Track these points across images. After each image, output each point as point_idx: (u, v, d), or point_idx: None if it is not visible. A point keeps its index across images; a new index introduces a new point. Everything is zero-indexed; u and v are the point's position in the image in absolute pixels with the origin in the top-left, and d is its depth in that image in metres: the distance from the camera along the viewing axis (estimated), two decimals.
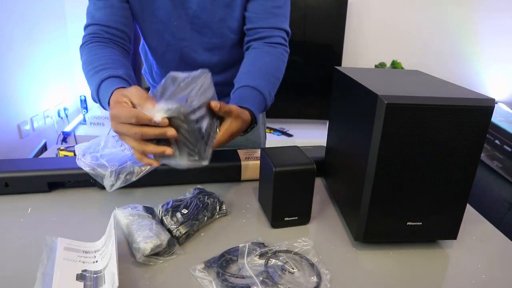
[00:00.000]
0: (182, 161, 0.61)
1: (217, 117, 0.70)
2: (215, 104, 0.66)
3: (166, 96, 0.59)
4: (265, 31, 0.92)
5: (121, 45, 0.88)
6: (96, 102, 0.79)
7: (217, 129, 0.70)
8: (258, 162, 0.86)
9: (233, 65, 1.00)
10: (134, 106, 0.60)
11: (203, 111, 0.63)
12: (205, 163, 0.62)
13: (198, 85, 0.62)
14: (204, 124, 0.63)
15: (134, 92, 0.60)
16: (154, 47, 0.96)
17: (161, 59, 0.98)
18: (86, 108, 2.59)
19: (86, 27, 0.88)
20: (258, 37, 0.92)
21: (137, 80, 2.64)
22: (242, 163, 0.86)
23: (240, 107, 0.75)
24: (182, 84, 0.62)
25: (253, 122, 0.78)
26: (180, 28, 0.92)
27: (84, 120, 2.55)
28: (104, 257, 0.58)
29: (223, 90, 0.99)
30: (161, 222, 0.66)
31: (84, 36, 0.87)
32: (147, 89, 1.02)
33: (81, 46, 0.87)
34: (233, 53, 0.99)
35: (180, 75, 0.63)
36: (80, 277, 0.54)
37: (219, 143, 0.69)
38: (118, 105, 0.61)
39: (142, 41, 1.04)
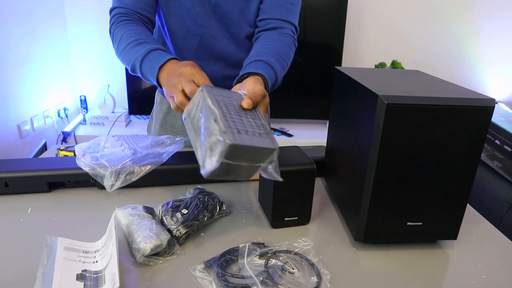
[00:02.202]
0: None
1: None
2: (247, 103, 0.64)
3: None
4: (277, 22, 0.96)
5: (147, 26, 0.94)
6: (135, 73, 0.84)
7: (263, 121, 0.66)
8: None
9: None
10: None
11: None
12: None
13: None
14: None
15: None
16: (175, 31, 0.99)
17: (180, 44, 1.01)
18: (86, 108, 2.59)
19: (112, 9, 0.92)
20: (270, 27, 0.96)
21: None
22: None
23: (252, 73, 0.78)
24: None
25: (266, 88, 0.80)
26: (202, 14, 0.96)
27: (84, 120, 2.55)
28: (104, 257, 0.58)
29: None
30: (161, 222, 0.66)
31: (112, 17, 0.91)
32: None
33: (111, 26, 0.91)
34: (249, 46, 1.01)
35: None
36: (80, 277, 0.54)
37: (253, 95, 0.66)
38: (198, 69, 0.71)
39: (157, 26, 1.05)
